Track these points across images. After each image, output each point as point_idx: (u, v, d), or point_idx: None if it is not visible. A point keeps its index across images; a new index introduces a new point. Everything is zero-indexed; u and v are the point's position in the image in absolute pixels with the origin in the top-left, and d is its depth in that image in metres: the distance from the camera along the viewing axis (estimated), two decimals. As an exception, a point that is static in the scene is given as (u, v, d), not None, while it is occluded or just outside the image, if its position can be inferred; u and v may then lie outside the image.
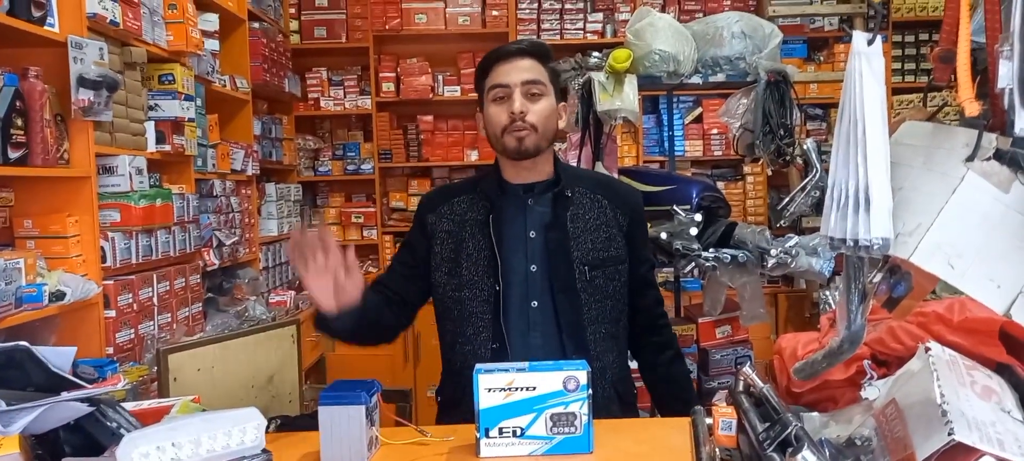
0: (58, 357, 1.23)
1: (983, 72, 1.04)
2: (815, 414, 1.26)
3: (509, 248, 1.70)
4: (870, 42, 1.01)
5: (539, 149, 1.70)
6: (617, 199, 1.78)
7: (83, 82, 2.24)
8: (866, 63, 1.00)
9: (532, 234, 1.71)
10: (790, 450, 1.02)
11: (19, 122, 2.03)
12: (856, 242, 0.99)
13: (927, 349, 1.09)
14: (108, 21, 2.41)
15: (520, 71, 1.69)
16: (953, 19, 1.03)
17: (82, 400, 1.14)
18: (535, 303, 1.70)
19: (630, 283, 1.77)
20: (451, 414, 1.73)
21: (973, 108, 0.99)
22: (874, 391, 1.15)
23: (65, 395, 1.13)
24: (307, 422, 1.63)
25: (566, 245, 1.70)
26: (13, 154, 2.01)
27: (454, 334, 1.74)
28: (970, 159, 0.99)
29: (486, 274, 1.70)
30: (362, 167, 5.07)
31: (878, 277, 1.04)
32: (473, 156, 5.00)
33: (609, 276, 1.72)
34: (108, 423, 1.15)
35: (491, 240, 1.70)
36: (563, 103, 1.79)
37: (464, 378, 1.70)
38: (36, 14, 2.09)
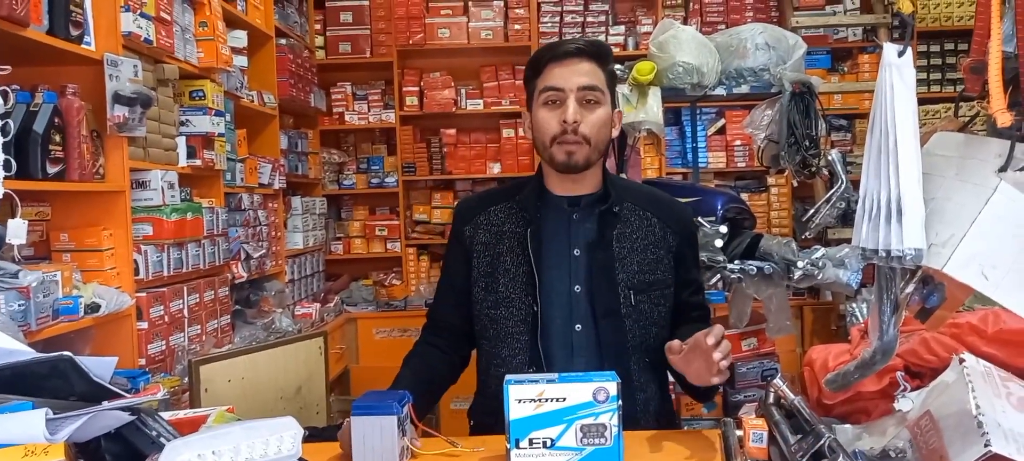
0: (100, 367, 1.25)
1: (1015, 82, 1.04)
2: (847, 426, 1.25)
3: (550, 266, 1.59)
4: (901, 53, 1.01)
5: (589, 163, 1.57)
6: (668, 217, 1.65)
7: (118, 99, 2.30)
8: (897, 74, 1.01)
9: (576, 252, 1.59)
10: (824, 461, 1.02)
11: (57, 138, 2.08)
12: (888, 252, 0.99)
13: (961, 360, 1.08)
14: (142, 39, 2.47)
15: (578, 75, 1.55)
16: (984, 30, 1.03)
17: (124, 409, 1.16)
18: (579, 327, 1.58)
19: (675, 308, 1.63)
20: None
21: (1005, 119, 0.99)
22: (908, 403, 1.15)
23: (108, 404, 1.15)
24: (334, 433, 1.65)
25: (611, 266, 1.57)
26: (52, 169, 2.06)
27: (489, 354, 1.64)
28: (1003, 169, 0.99)
29: (524, 292, 1.59)
30: (386, 180, 5.12)
31: (911, 288, 1.04)
32: (495, 169, 5.02)
33: (655, 301, 1.60)
34: (148, 431, 1.18)
35: (529, 256, 1.58)
36: (618, 110, 1.66)
37: (498, 402, 1.59)
38: (74, 33, 2.15)
